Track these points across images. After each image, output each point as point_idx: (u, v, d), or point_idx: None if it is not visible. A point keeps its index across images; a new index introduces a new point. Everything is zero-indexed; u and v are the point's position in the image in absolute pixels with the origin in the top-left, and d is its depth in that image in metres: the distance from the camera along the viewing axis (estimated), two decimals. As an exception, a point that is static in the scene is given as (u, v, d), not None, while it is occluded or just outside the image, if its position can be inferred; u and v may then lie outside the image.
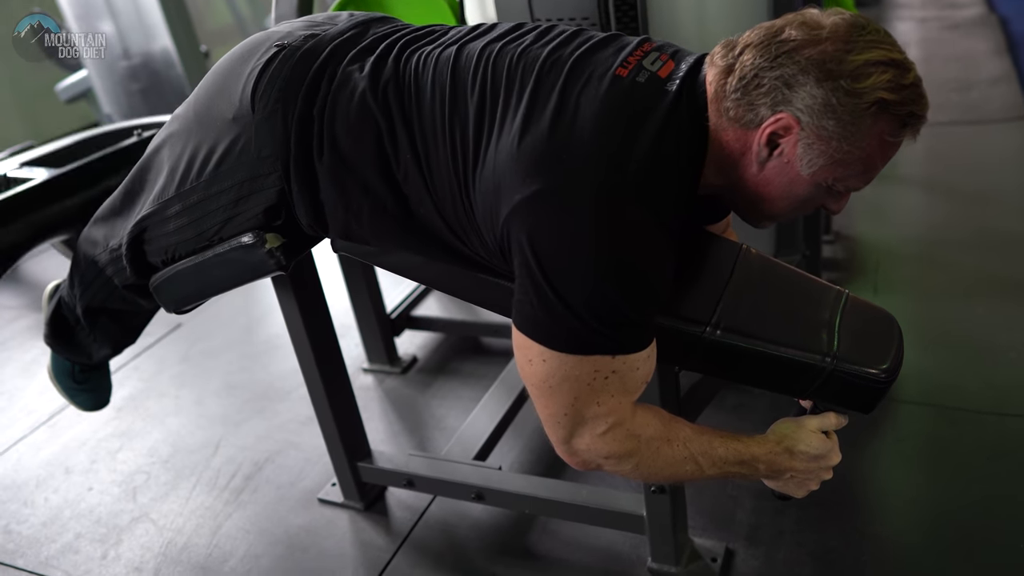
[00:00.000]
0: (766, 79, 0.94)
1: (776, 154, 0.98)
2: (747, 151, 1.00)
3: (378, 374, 2.39)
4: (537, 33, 1.14)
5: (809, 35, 0.93)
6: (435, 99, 1.09)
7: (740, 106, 0.97)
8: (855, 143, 0.94)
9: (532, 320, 0.99)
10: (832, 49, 0.91)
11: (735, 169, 1.02)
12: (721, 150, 1.01)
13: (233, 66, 1.24)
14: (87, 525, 1.93)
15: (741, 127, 0.98)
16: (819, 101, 0.92)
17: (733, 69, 0.97)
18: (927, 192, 3.02)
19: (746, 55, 0.96)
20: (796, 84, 0.93)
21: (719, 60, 0.99)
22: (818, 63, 0.91)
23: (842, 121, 0.92)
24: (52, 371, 1.68)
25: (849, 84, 0.91)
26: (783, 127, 0.95)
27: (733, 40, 1.00)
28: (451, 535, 1.75)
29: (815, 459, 1.12)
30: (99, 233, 1.41)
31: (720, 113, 0.99)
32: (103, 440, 2.26)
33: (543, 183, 0.96)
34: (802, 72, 0.92)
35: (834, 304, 1.19)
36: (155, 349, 2.71)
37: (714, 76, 1.00)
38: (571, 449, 1.06)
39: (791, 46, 0.93)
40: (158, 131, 1.36)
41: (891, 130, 0.94)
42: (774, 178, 1.01)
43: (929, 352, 2.09)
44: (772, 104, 0.95)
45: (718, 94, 0.99)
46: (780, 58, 0.93)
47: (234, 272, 1.30)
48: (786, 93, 0.93)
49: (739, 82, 0.96)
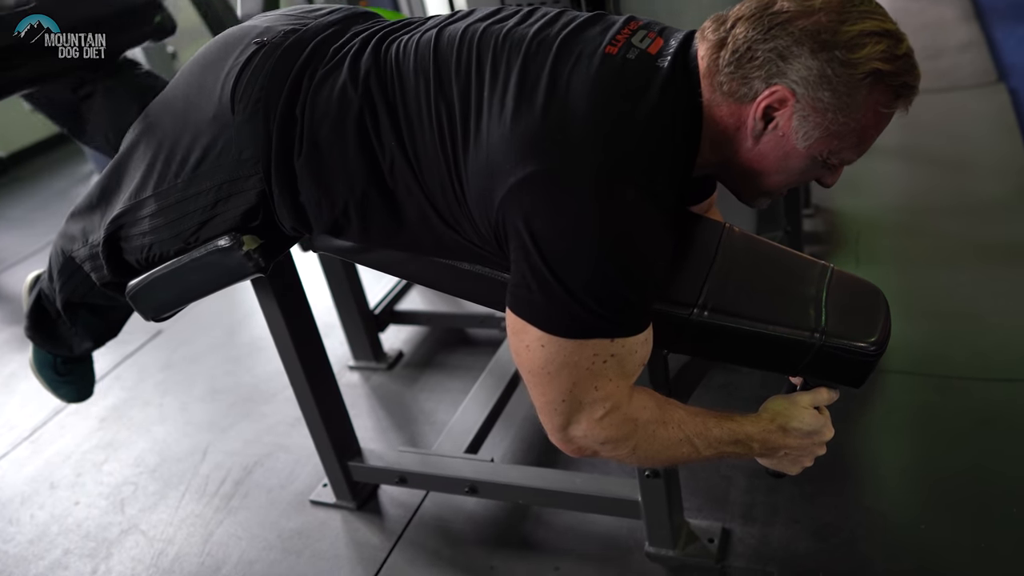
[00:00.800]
0: (760, 51, 0.93)
1: (771, 127, 0.97)
2: (742, 125, 0.99)
3: (364, 371, 2.37)
4: (521, 15, 1.12)
5: (802, 6, 0.92)
6: (419, 82, 1.07)
7: (734, 80, 0.96)
8: (850, 114, 0.94)
9: (530, 305, 0.97)
10: (826, 20, 0.91)
11: (730, 144, 1.01)
12: (716, 126, 1.00)
13: (212, 62, 1.21)
14: (75, 540, 1.90)
15: (735, 101, 0.97)
16: (814, 72, 0.91)
17: (725, 43, 0.96)
18: (903, 161, 3.03)
19: (738, 28, 0.95)
20: (790, 56, 0.92)
21: (710, 35, 0.98)
22: (812, 34, 0.91)
23: (837, 92, 0.92)
24: (34, 363, 1.65)
25: (844, 55, 0.90)
26: (778, 100, 0.94)
27: (723, 14, 0.99)
28: (446, 530, 1.74)
29: (808, 435, 1.12)
30: (76, 228, 1.38)
31: (714, 88, 0.98)
32: (88, 453, 2.22)
33: (539, 165, 0.94)
34: (796, 44, 0.91)
35: (819, 279, 1.18)
36: (136, 357, 2.67)
37: (706, 51, 0.98)
38: (567, 436, 1.05)
39: (784, 18, 0.92)
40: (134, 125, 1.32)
41: (885, 101, 0.94)
42: (769, 152, 1.00)
43: (914, 321, 2.10)
44: (767, 77, 0.94)
45: (711, 69, 0.98)
46: (773, 30, 0.92)
47: (212, 276, 1.27)
48: (780, 65, 0.93)
49: (732, 55, 0.95)
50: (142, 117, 1.29)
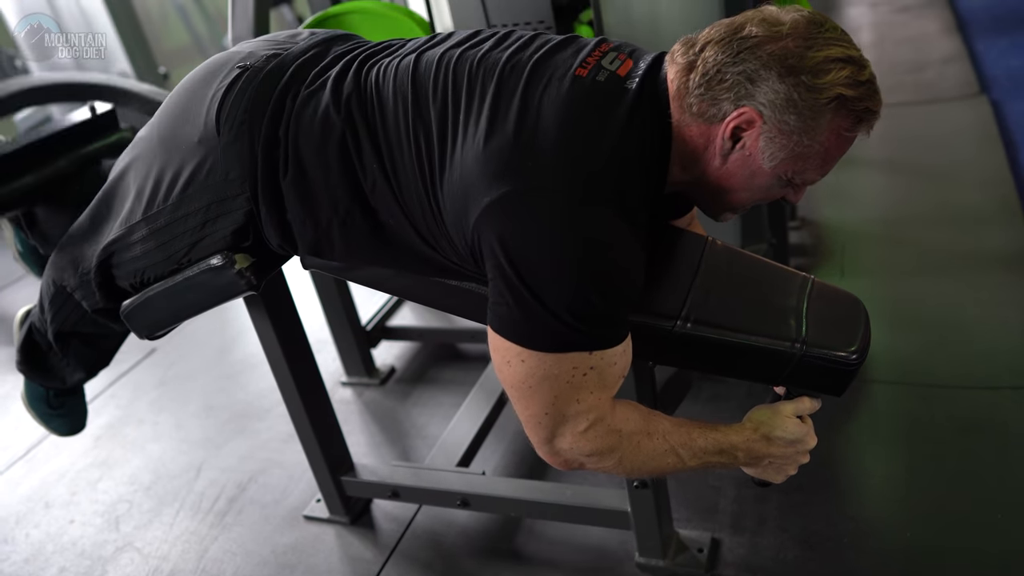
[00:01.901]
0: (729, 74, 0.96)
1: (739, 147, 1.00)
2: (710, 144, 1.01)
3: (357, 387, 2.39)
4: (496, 39, 1.15)
5: (770, 31, 0.94)
6: (397, 107, 1.09)
7: (703, 101, 0.98)
8: (814, 137, 0.97)
9: (508, 321, 1.00)
10: (793, 45, 0.93)
11: (699, 163, 1.04)
12: (685, 145, 1.03)
13: (196, 88, 1.24)
14: (71, 558, 1.91)
15: (704, 122, 1.00)
16: (781, 96, 0.94)
17: (695, 65, 0.99)
18: (887, 173, 3.08)
19: (708, 51, 0.97)
20: (758, 79, 0.94)
21: (679, 58, 1.01)
22: (780, 59, 0.93)
23: (803, 116, 0.95)
24: (26, 398, 1.66)
25: (810, 80, 0.93)
26: (746, 121, 0.97)
27: (693, 37, 1.01)
28: (439, 543, 1.75)
29: (792, 444, 1.14)
30: (66, 259, 1.40)
31: (683, 109, 1.01)
32: (82, 471, 2.23)
33: (511, 185, 0.97)
34: (764, 67, 0.94)
35: (800, 290, 1.21)
36: (131, 375, 2.68)
37: (675, 74, 1.01)
38: (553, 449, 1.07)
39: (752, 42, 0.95)
40: (124, 152, 1.35)
41: (848, 125, 0.97)
42: (736, 170, 1.03)
43: (898, 330, 2.13)
44: (735, 99, 0.96)
45: (680, 91, 1.00)
46: (742, 53, 0.95)
47: (205, 295, 1.29)
48: (749, 88, 0.95)
49: (702, 78, 0.97)
50: (131, 146, 1.31)
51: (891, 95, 3.84)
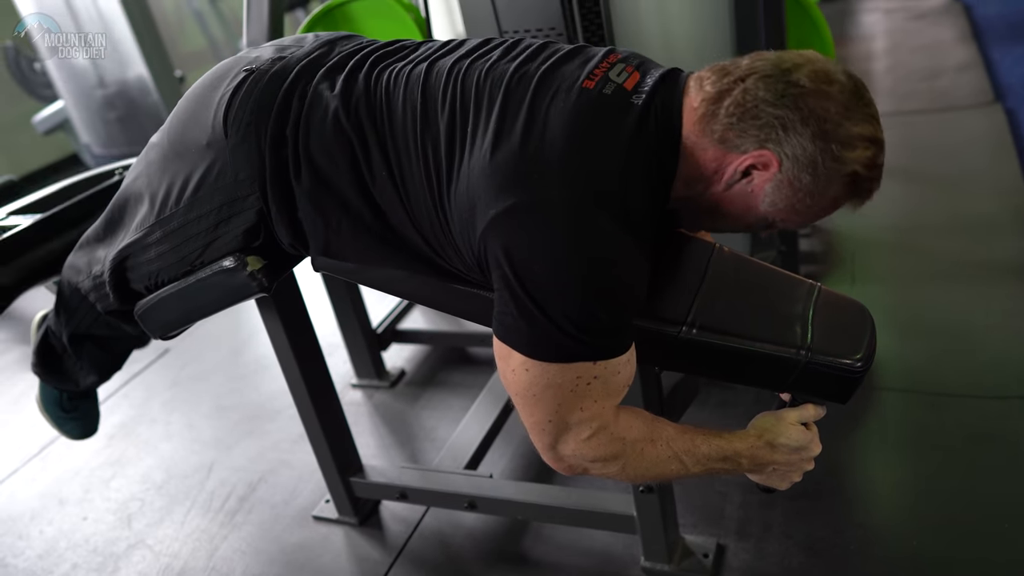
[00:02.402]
0: (765, 113, 0.96)
1: (745, 181, 1.01)
2: (720, 171, 1.02)
3: (367, 389, 2.41)
4: (504, 48, 1.16)
5: (819, 87, 0.94)
6: (407, 117, 1.11)
7: (731, 129, 0.98)
8: (816, 200, 1.00)
9: (513, 331, 1.01)
10: (834, 111, 0.94)
11: (701, 184, 1.04)
12: (695, 166, 1.03)
13: (204, 93, 1.26)
14: (83, 555, 1.94)
15: (724, 148, 1.00)
16: (807, 155, 0.96)
17: (730, 93, 0.98)
18: (900, 181, 3.07)
19: (750, 82, 0.97)
20: (792, 130, 0.95)
21: (709, 86, 1.00)
22: (819, 119, 0.94)
23: (817, 179, 0.97)
24: (41, 401, 1.69)
25: (838, 150, 0.95)
26: (764, 163, 0.98)
27: (727, 66, 1.01)
28: (446, 545, 1.76)
29: (796, 451, 1.14)
30: (82, 261, 1.42)
31: (704, 133, 1.00)
32: (96, 469, 2.26)
33: (517, 197, 0.98)
34: (802, 122, 0.94)
35: (807, 298, 1.21)
36: (144, 375, 2.71)
37: (701, 100, 1.01)
38: (557, 455, 1.08)
39: (798, 91, 0.94)
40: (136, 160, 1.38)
41: (846, 197, 1.01)
42: (734, 201, 1.04)
43: (908, 338, 2.13)
44: (762, 139, 0.97)
45: (705, 116, 1.00)
46: (786, 99, 0.95)
47: (217, 296, 1.31)
48: (779, 134, 0.96)
49: (736, 107, 0.97)
50: (143, 152, 1.34)
51: (905, 103, 3.84)
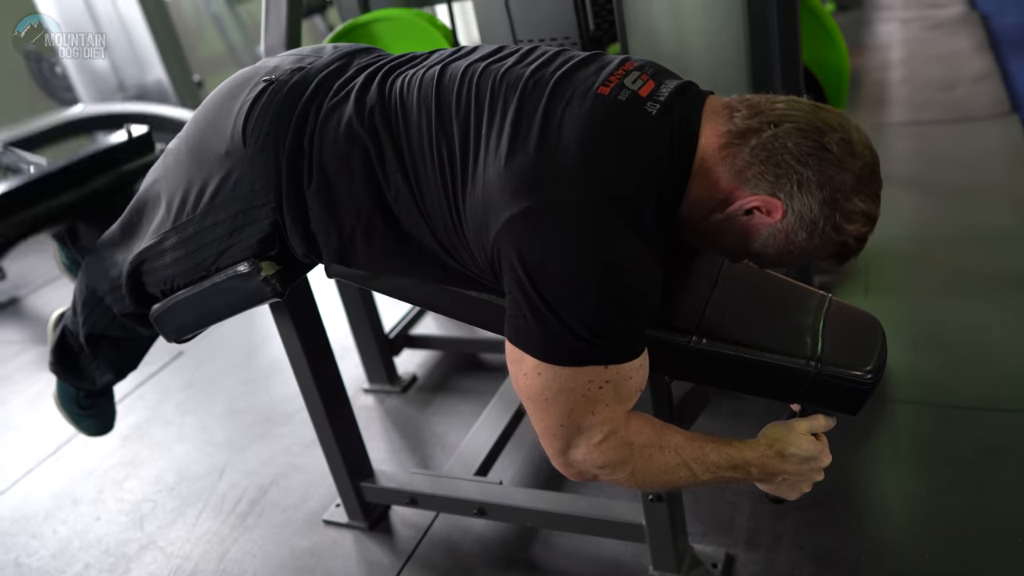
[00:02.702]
0: (787, 165, 0.97)
1: (747, 218, 1.03)
2: (728, 201, 1.02)
3: (379, 394, 2.42)
4: (520, 54, 1.17)
5: (844, 157, 0.97)
6: (421, 118, 1.12)
7: (751, 168, 0.99)
8: (801, 253, 1.04)
9: (526, 334, 1.02)
10: (850, 184, 0.97)
11: (706, 207, 1.05)
12: (707, 188, 1.03)
13: (223, 101, 1.28)
14: (96, 555, 1.95)
15: (738, 182, 1.01)
16: (812, 216, 0.98)
17: (758, 133, 0.99)
18: (915, 191, 3.06)
19: (783, 129, 0.97)
20: (805, 189, 0.97)
21: (740, 120, 1.00)
22: (833, 188, 0.97)
23: (811, 240, 1.01)
24: (58, 398, 1.72)
25: (839, 220, 0.98)
26: (769, 209, 1.00)
27: (761, 104, 1.01)
28: (455, 551, 1.77)
29: (805, 461, 1.14)
30: (100, 264, 1.44)
31: (723, 161, 1.01)
32: (109, 470, 2.28)
33: (531, 201, 0.99)
34: (818, 186, 0.97)
35: (817, 309, 1.22)
36: (159, 377, 2.74)
37: (728, 130, 1.01)
38: (567, 460, 1.08)
39: (825, 157, 0.96)
40: (155, 162, 1.39)
41: (827, 258, 1.06)
42: (730, 231, 1.06)
43: (921, 350, 2.12)
44: (775, 187, 0.98)
45: (730, 146, 1.00)
46: (811, 158, 0.96)
47: (231, 300, 1.33)
48: (793, 189, 0.98)
49: (762, 150, 0.98)
50: (161, 158, 1.36)
51: (921, 113, 3.82)
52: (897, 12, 5.92)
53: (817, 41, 2.32)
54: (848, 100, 4.08)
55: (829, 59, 2.35)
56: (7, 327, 3.44)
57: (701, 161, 1.03)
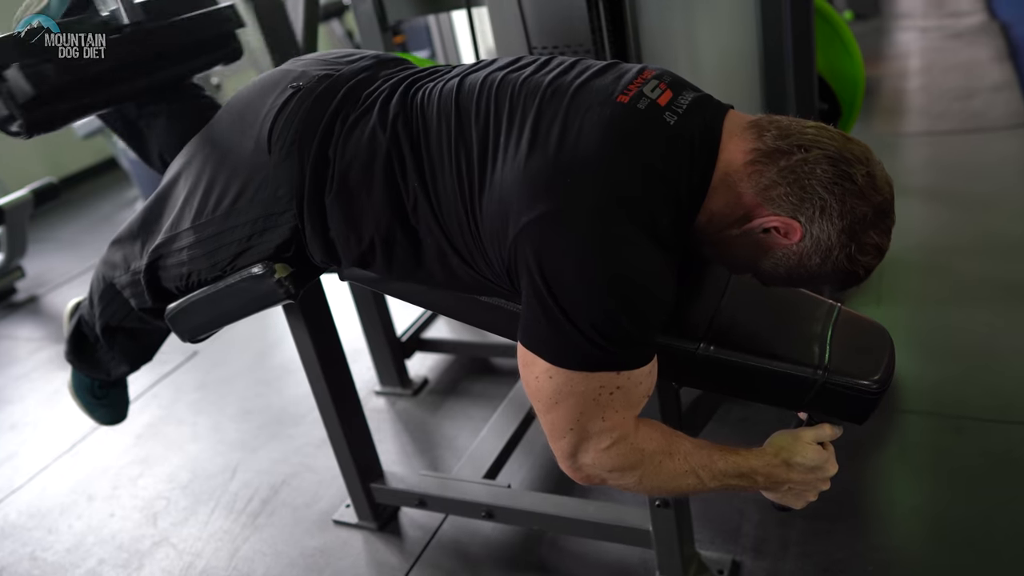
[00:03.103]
0: (812, 189, 0.98)
1: (763, 235, 1.04)
2: (748, 217, 1.03)
3: (390, 396, 2.44)
4: (538, 64, 1.18)
5: (867, 190, 0.98)
6: (441, 127, 1.14)
7: (777, 187, 1.00)
8: (811, 277, 1.05)
9: (539, 338, 1.03)
10: (870, 217, 0.99)
11: (724, 220, 1.05)
12: (725, 203, 1.04)
13: (250, 103, 1.30)
14: (110, 550, 1.98)
15: (761, 199, 1.01)
16: (829, 242, 1.00)
17: (787, 155, 1.00)
18: (931, 201, 3.05)
19: (813, 155, 0.99)
20: (827, 217, 0.98)
21: (770, 140, 1.01)
22: (853, 219, 0.98)
23: (824, 267, 1.02)
24: (73, 387, 1.75)
25: (853, 251, 1.00)
26: (787, 231, 1.01)
27: (791, 126, 1.02)
28: (463, 553, 1.78)
29: (811, 470, 1.15)
30: (118, 256, 1.47)
31: (749, 178, 1.02)
32: (124, 467, 2.31)
33: (548, 206, 1.00)
34: (840, 216, 0.98)
35: (826, 318, 1.22)
36: (173, 376, 2.77)
37: (755, 148, 1.02)
38: (576, 464, 1.09)
39: (850, 187, 0.98)
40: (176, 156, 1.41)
41: (828, 283, 1.09)
42: (744, 246, 1.06)
43: (933, 361, 2.12)
44: (798, 209, 0.99)
45: (757, 164, 1.01)
46: (837, 187, 0.98)
47: (245, 301, 1.35)
48: (814, 214, 0.99)
49: (791, 174, 0.99)
50: (184, 151, 1.38)
51: (937, 123, 3.80)
52: (917, 21, 5.89)
53: (832, 50, 2.33)
54: (865, 109, 4.08)
55: (844, 69, 2.35)
56: (26, 325, 3.49)
57: (724, 175, 1.04)
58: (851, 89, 2.35)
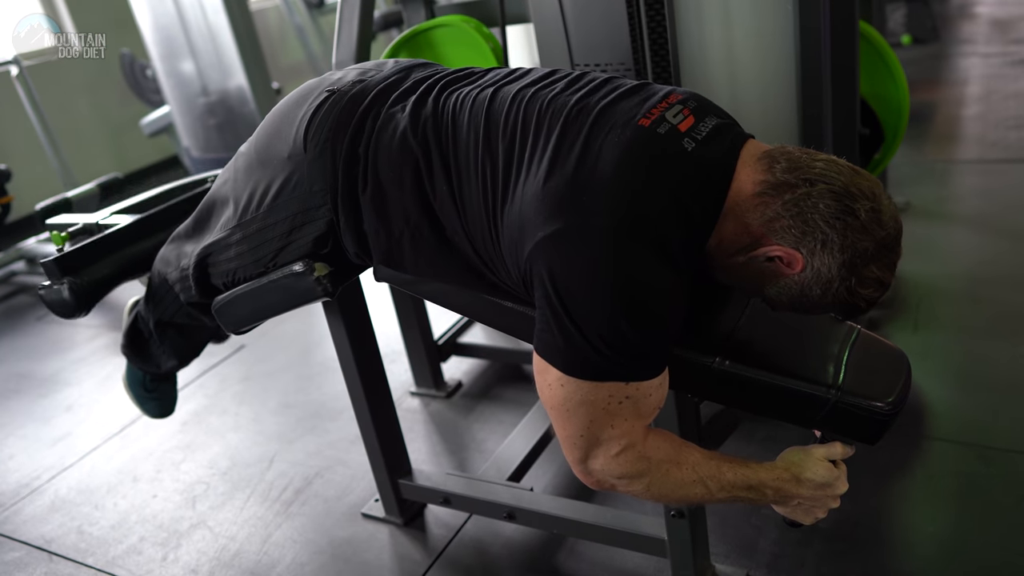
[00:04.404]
0: (813, 223, 1.02)
1: (768, 264, 1.08)
2: (754, 246, 1.07)
3: (424, 398, 2.50)
4: (568, 80, 1.23)
5: (870, 226, 1.01)
6: (470, 137, 1.19)
7: (781, 219, 1.04)
8: (811, 306, 1.09)
9: (552, 347, 1.08)
10: (872, 250, 1.02)
11: (732, 247, 1.10)
12: (734, 231, 1.08)
13: (289, 109, 1.38)
14: (150, 529, 2.08)
15: (766, 229, 1.05)
16: (829, 274, 1.03)
17: (793, 189, 1.03)
18: (976, 230, 3.00)
19: (817, 189, 1.02)
20: (828, 250, 1.02)
21: (780, 173, 1.05)
22: (854, 253, 1.02)
23: (825, 297, 1.06)
24: (126, 380, 1.85)
25: (854, 284, 1.03)
26: (789, 261, 1.05)
27: (802, 159, 1.06)
28: (483, 552, 1.83)
29: (821, 487, 1.17)
30: (172, 254, 1.56)
31: (756, 208, 1.06)
32: (168, 452, 2.42)
33: (563, 223, 1.05)
34: (840, 250, 1.02)
35: (844, 339, 1.24)
36: (219, 368, 2.88)
37: (764, 179, 1.06)
38: (587, 469, 1.14)
39: (852, 222, 1.01)
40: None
41: (828, 312, 1.12)
42: (749, 273, 1.10)
43: (966, 390, 2.10)
44: (800, 242, 1.03)
45: (764, 195, 1.05)
46: (839, 222, 1.01)
47: (286, 297, 1.43)
48: (816, 247, 1.03)
49: (795, 207, 1.03)
50: (232, 159, 1.47)
51: (991, 151, 3.74)
52: (979, 47, 5.77)
53: (877, 76, 2.33)
54: (918, 135, 4.04)
55: (889, 94, 2.35)
56: (86, 312, 3.66)
57: (734, 204, 1.08)
58: (895, 115, 2.35)
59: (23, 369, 3.16)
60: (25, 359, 3.25)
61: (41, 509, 2.24)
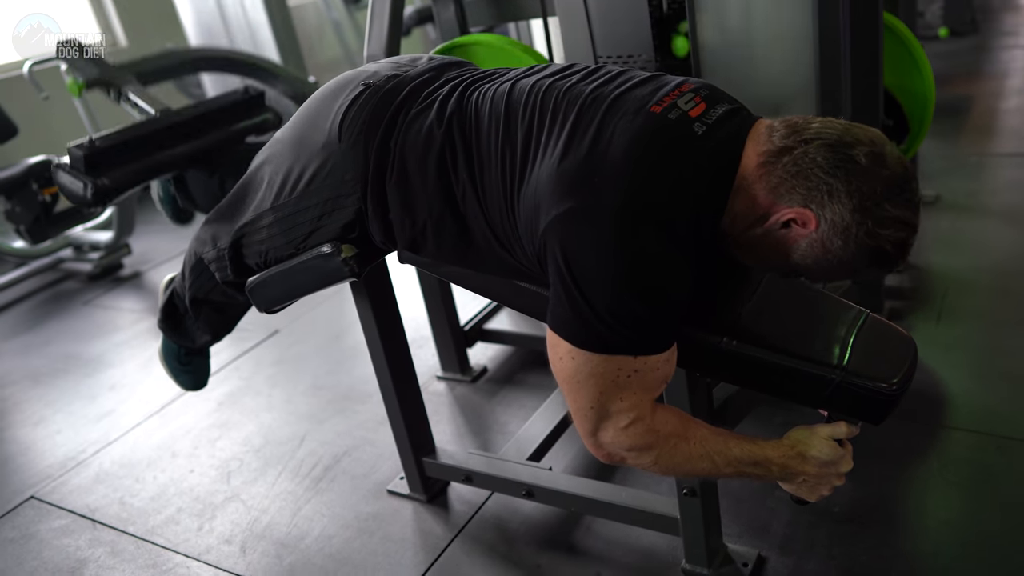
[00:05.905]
0: (816, 177, 1.06)
1: (785, 231, 1.11)
2: (766, 216, 1.11)
3: (450, 382, 2.57)
4: (585, 72, 1.29)
5: (872, 167, 1.04)
6: (491, 127, 1.26)
7: (784, 182, 1.08)
8: (840, 262, 1.10)
9: (563, 321, 1.14)
10: (880, 191, 1.04)
11: (746, 222, 1.14)
12: (747, 204, 1.12)
13: (325, 99, 1.45)
14: (187, 501, 2.18)
15: (774, 197, 1.09)
16: (844, 222, 1.05)
17: (791, 151, 1.07)
18: (1009, 223, 2.98)
19: (813, 146, 1.06)
20: (835, 199, 1.05)
21: (778, 139, 1.09)
22: (864, 196, 1.04)
23: (847, 246, 1.07)
24: (162, 353, 1.95)
25: (873, 226, 1.05)
26: (803, 220, 1.08)
27: (799, 123, 1.10)
28: (503, 528, 1.89)
29: (826, 464, 1.21)
30: (208, 234, 1.64)
31: (761, 179, 1.10)
32: (205, 429, 2.52)
33: (575, 202, 1.11)
34: (848, 195, 1.04)
35: (852, 323, 1.28)
36: (254, 352, 2.98)
37: (767, 150, 1.10)
38: (597, 441, 1.19)
39: (852, 168, 1.04)
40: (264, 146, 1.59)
41: (869, 266, 1.11)
42: (770, 244, 1.13)
43: (986, 381, 2.10)
44: (807, 199, 1.07)
45: (767, 165, 1.09)
46: (839, 170, 1.05)
47: (315, 277, 1.50)
48: (824, 199, 1.06)
49: (794, 165, 1.07)
50: (268, 144, 1.54)
51: None
52: (1021, 39, 5.68)
53: (903, 67, 2.33)
54: (954, 128, 4.00)
55: (915, 86, 2.35)
56: (130, 297, 3.79)
57: (742, 179, 1.12)
58: (921, 106, 2.35)
59: (70, 350, 3.29)
60: (72, 341, 3.38)
61: (86, 480, 2.35)
